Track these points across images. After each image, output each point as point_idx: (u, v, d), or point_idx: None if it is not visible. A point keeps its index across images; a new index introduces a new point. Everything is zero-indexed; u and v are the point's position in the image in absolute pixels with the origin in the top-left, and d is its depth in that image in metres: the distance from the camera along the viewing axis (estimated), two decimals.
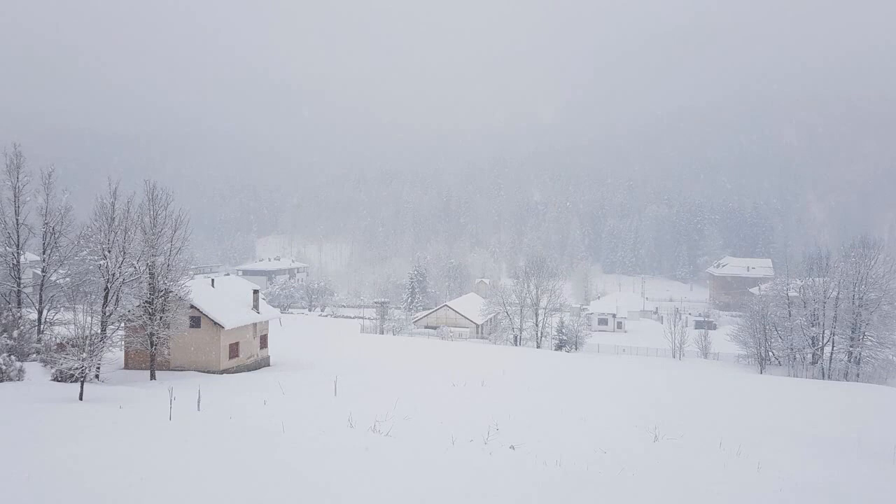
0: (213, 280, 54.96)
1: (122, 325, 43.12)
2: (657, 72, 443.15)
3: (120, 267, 40.36)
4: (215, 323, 46.92)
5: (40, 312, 43.69)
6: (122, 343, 45.21)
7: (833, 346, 66.89)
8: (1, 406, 24.76)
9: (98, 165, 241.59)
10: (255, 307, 53.45)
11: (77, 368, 28.84)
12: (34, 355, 39.04)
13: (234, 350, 49.28)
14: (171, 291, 43.76)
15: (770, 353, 71.18)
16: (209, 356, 47.28)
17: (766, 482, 18.15)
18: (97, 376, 38.69)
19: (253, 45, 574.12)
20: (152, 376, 43.23)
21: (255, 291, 55.05)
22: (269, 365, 54.69)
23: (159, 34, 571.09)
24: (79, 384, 29.13)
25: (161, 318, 43.27)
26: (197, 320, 47.06)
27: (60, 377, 33.73)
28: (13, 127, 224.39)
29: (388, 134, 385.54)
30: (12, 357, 34.29)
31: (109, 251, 40.13)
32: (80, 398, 28.10)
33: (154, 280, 43.09)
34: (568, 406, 33.45)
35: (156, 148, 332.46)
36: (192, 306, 46.29)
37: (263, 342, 54.73)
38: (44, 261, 43.99)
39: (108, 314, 40.50)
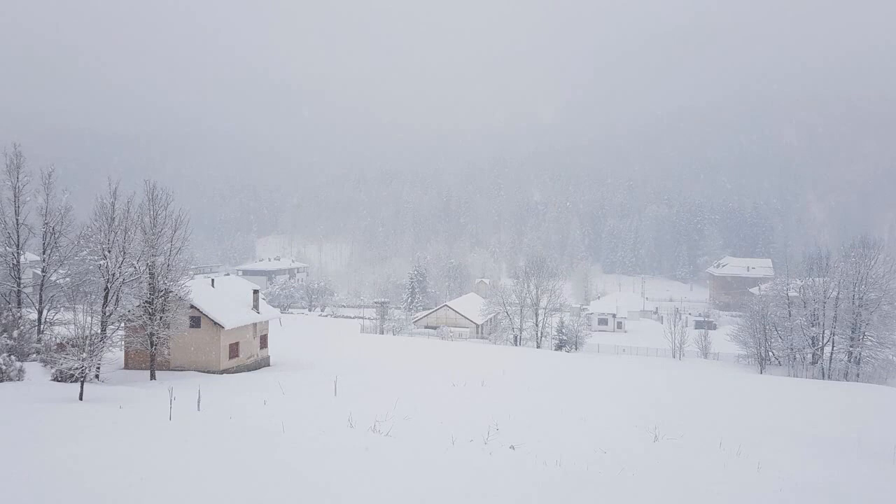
0: (213, 280, 54.96)
1: (122, 325, 43.11)
2: (657, 72, 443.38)
3: (120, 267, 40.36)
4: (215, 323, 46.92)
5: (40, 312, 43.69)
6: (122, 343, 45.21)
7: (833, 346, 66.87)
8: (1, 406, 24.76)
9: (98, 165, 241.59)
10: (255, 307, 53.45)
11: (77, 368, 28.83)
12: (34, 355, 39.04)
13: (234, 350, 49.28)
14: (171, 291, 43.76)
15: (770, 353, 71.17)
16: (209, 356, 47.28)
17: (766, 482, 18.15)
18: (97, 376, 38.69)
19: (253, 45, 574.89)
20: (152, 376, 43.23)
21: (255, 291, 55.05)
22: (269, 365, 54.69)
23: (159, 34, 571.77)
24: (79, 384, 29.12)
25: (161, 318, 43.26)
26: (197, 320, 47.05)
27: (60, 377, 33.72)
28: (13, 127, 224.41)
29: (388, 134, 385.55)
30: (12, 357, 34.29)
31: (109, 251, 40.14)
32: (80, 398, 28.09)
33: (154, 280, 43.09)
34: (568, 406, 33.45)
35: (156, 148, 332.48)
36: (192, 306, 46.29)
37: (263, 342, 54.74)
38: (44, 261, 43.99)
39: (108, 314, 40.49)
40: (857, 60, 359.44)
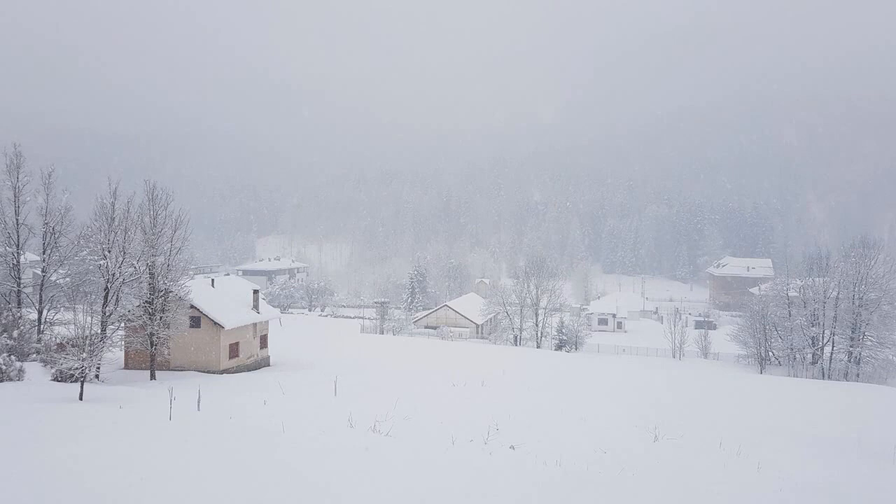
0: (213, 280, 54.96)
1: (122, 325, 43.11)
2: (657, 72, 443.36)
3: (120, 267, 40.36)
4: (215, 323, 46.92)
5: (40, 312, 43.68)
6: (122, 343, 45.21)
7: (833, 346, 66.86)
8: (1, 406, 24.76)
9: (98, 165, 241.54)
10: (255, 307, 53.45)
11: (77, 368, 28.83)
12: (34, 355, 39.03)
13: (234, 350, 49.28)
14: (171, 291, 43.76)
15: (770, 353, 71.16)
16: (209, 356, 47.28)
17: (766, 482, 18.15)
18: (97, 376, 38.68)
19: (253, 45, 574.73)
20: (152, 376, 43.23)
21: (255, 291, 55.05)
22: (269, 365, 54.69)
23: (159, 34, 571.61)
24: (79, 384, 29.12)
25: (161, 318, 43.26)
26: (197, 320, 47.05)
27: (60, 377, 33.72)
28: (13, 127, 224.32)
29: (388, 134, 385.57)
30: (12, 357, 34.29)
31: (109, 251, 40.13)
32: (80, 398, 28.09)
33: (154, 280, 43.08)
34: (568, 406, 33.44)
35: (156, 148, 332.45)
36: (192, 306, 46.28)
37: (263, 342, 54.73)
38: (44, 261, 43.98)
39: (108, 314, 40.49)
40: (857, 60, 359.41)
